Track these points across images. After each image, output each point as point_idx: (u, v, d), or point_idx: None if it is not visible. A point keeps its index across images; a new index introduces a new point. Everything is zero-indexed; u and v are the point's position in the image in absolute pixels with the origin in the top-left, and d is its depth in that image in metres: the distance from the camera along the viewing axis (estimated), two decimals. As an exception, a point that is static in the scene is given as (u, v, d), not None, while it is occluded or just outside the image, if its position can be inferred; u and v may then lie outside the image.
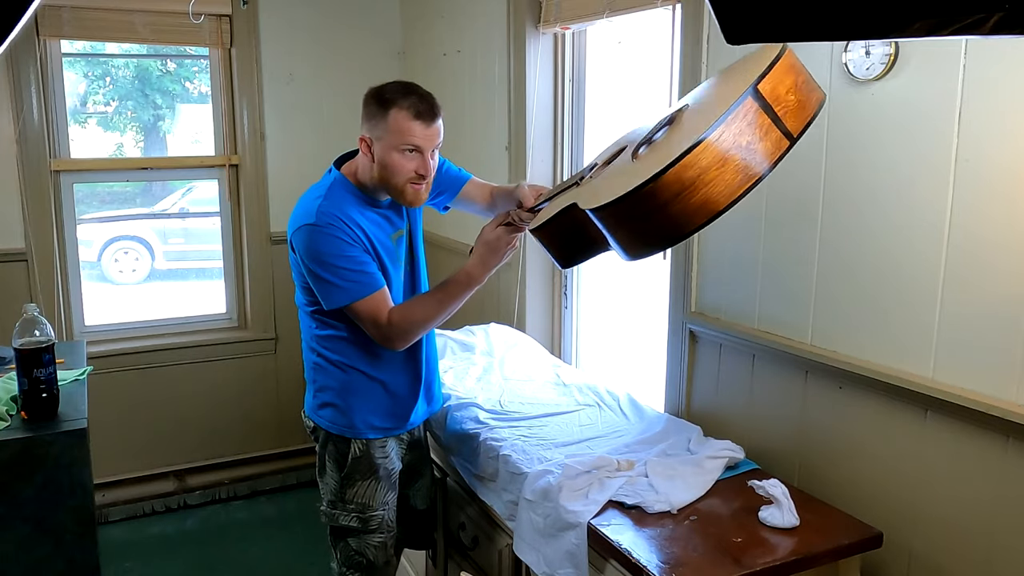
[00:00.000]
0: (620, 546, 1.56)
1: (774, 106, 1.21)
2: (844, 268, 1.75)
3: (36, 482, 1.86)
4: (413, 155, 1.81)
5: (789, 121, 1.22)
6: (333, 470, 2.02)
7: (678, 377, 2.24)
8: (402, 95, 1.79)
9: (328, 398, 1.99)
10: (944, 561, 1.61)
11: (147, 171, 3.69)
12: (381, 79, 3.78)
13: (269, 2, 3.55)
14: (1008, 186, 1.43)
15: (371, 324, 1.84)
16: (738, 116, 1.19)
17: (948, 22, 0.77)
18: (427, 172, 1.83)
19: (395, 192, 1.86)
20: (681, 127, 1.31)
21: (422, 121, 1.79)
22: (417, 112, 1.78)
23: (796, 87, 1.24)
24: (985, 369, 1.50)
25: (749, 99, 1.19)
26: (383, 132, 1.80)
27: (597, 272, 2.87)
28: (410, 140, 1.79)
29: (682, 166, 1.16)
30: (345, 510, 2.02)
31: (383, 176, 1.84)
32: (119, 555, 3.21)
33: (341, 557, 2.06)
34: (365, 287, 1.82)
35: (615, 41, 2.65)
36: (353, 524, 2.02)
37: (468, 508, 2.17)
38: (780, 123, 1.22)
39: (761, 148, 1.19)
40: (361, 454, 1.99)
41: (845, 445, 1.79)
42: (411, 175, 1.83)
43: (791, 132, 1.22)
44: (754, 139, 1.19)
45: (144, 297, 5.75)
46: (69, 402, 2.01)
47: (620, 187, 1.25)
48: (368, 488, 2.01)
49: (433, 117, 1.81)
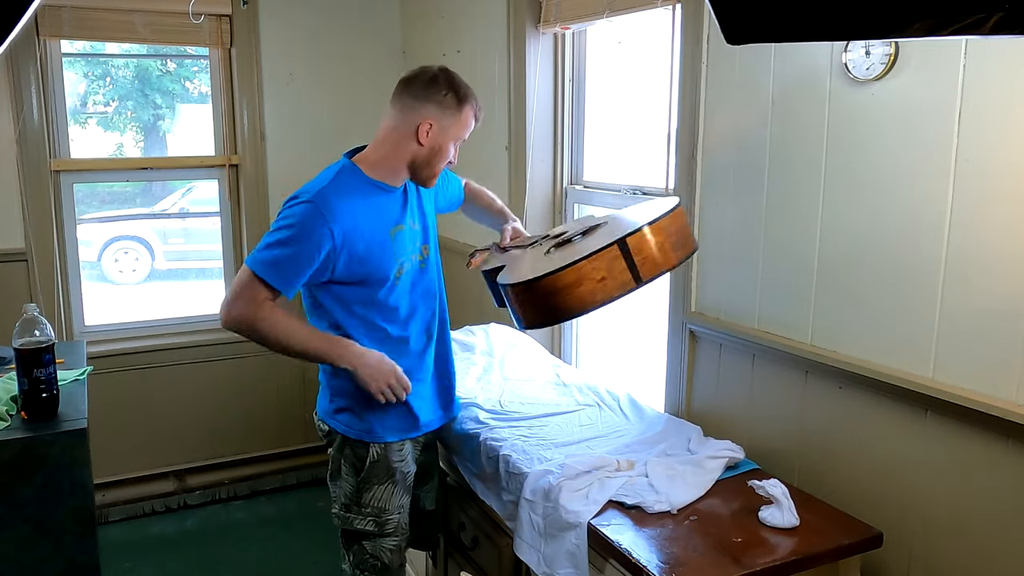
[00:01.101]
0: (620, 546, 1.56)
1: (634, 256, 1.59)
2: (844, 268, 1.75)
3: (36, 482, 1.86)
4: (457, 147, 1.97)
5: (643, 269, 1.60)
6: (349, 474, 2.01)
7: (678, 377, 2.24)
8: (471, 94, 1.94)
9: (344, 403, 1.98)
10: (944, 561, 1.61)
11: (147, 171, 3.69)
12: (381, 79, 3.76)
13: (269, 2, 3.55)
14: (1008, 186, 1.43)
15: (244, 304, 1.83)
16: (602, 256, 1.59)
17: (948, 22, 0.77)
18: (456, 161, 1.99)
19: (428, 172, 1.95)
20: (575, 246, 1.72)
21: (478, 121, 1.98)
22: (478, 112, 1.97)
23: (660, 246, 1.62)
24: (985, 369, 1.50)
25: (615, 247, 1.59)
26: (451, 122, 1.90)
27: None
28: (466, 135, 1.96)
29: (555, 277, 1.60)
30: (361, 514, 2.01)
31: (431, 160, 1.92)
32: (119, 555, 3.21)
33: (354, 560, 2.05)
34: (277, 274, 1.80)
35: (615, 41, 2.65)
36: (369, 528, 2.01)
37: (468, 508, 2.17)
38: (634, 269, 1.60)
39: (611, 284, 1.59)
40: (379, 458, 1.98)
41: (845, 445, 1.79)
42: (449, 161, 1.97)
43: (641, 278, 1.60)
44: (608, 275, 1.59)
45: (144, 297, 5.75)
46: (69, 402, 2.01)
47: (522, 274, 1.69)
48: (385, 492, 2.00)
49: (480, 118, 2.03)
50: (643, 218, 1.66)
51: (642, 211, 1.78)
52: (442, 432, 2.21)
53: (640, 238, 1.61)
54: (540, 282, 1.62)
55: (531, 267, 1.73)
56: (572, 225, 2.02)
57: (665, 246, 1.63)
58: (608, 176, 2.74)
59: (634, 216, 1.75)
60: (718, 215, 2.08)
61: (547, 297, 1.62)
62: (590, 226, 1.81)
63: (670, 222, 1.65)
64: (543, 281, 1.61)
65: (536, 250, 1.90)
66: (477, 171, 3.21)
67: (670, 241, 1.64)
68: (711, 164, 2.08)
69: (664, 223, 1.64)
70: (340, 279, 1.87)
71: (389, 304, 1.94)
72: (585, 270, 1.58)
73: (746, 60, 1.93)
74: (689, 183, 2.14)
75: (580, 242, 1.74)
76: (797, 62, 1.81)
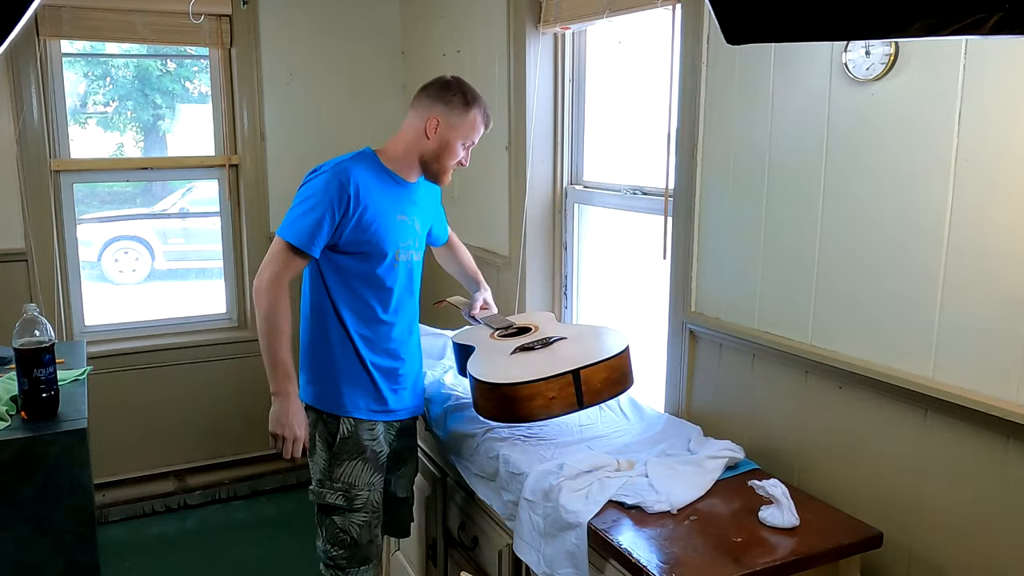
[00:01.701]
0: (620, 546, 1.56)
1: (583, 385, 1.94)
2: (844, 268, 1.75)
3: (36, 482, 1.86)
4: (465, 149, 2.12)
5: (587, 396, 1.96)
6: (323, 449, 2.10)
7: (678, 377, 2.24)
8: (480, 101, 2.11)
9: (318, 376, 2.10)
10: (944, 561, 1.61)
11: (147, 171, 3.69)
12: (381, 79, 3.76)
13: (269, 2, 3.55)
14: (1008, 186, 1.43)
15: (273, 259, 1.98)
16: (558, 380, 1.94)
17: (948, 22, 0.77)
18: (467, 163, 2.16)
19: (439, 169, 2.11)
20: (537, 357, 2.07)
21: (486, 127, 2.15)
22: (487, 119, 2.14)
23: (606, 380, 1.98)
24: (985, 369, 1.50)
25: (569, 375, 1.94)
26: (457, 122, 2.07)
27: (597, 272, 2.87)
28: (474, 137, 2.12)
29: (516, 388, 1.94)
30: (332, 488, 2.10)
31: (439, 155, 2.09)
32: (119, 555, 3.21)
33: (326, 535, 2.14)
34: (303, 237, 1.96)
35: (615, 41, 2.65)
36: (339, 502, 2.10)
37: (468, 508, 2.17)
38: (580, 394, 1.95)
39: (559, 403, 1.94)
40: (349, 434, 2.08)
41: (845, 445, 1.79)
42: (458, 160, 2.12)
43: (584, 402, 1.96)
44: (558, 396, 1.93)
45: (144, 297, 5.75)
46: (69, 402, 2.01)
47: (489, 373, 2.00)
48: (355, 468, 2.09)
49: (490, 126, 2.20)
50: (599, 353, 2.00)
51: (598, 340, 2.09)
52: (441, 432, 2.22)
53: (592, 371, 1.95)
54: (502, 388, 1.95)
55: (498, 366, 2.04)
56: (537, 318, 2.35)
57: (609, 380, 1.98)
58: (608, 176, 2.74)
59: (590, 343, 2.08)
60: (718, 215, 2.08)
61: (504, 400, 1.95)
62: (553, 338, 2.14)
63: (619, 361, 2.00)
64: (504, 388, 1.95)
65: (502, 343, 2.19)
66: (478, 171, 3.22)
67: (614, 376, 1.99)
68: (711, 164, 2.08)
69: (614, 362, 1.99)
70: (345, 247, 2.01)
71: (385, 284, 2.08)
72: (541, 387, 1.92)
73: (746, 60, 1.93)
74: (689, 183, 2.14)
75: (541, 353, 2.09)
76: (797, 62, 1.80)
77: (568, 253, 2.92)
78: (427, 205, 2.22)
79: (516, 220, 2.95)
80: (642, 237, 2.52)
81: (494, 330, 2.30)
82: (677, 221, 2.21)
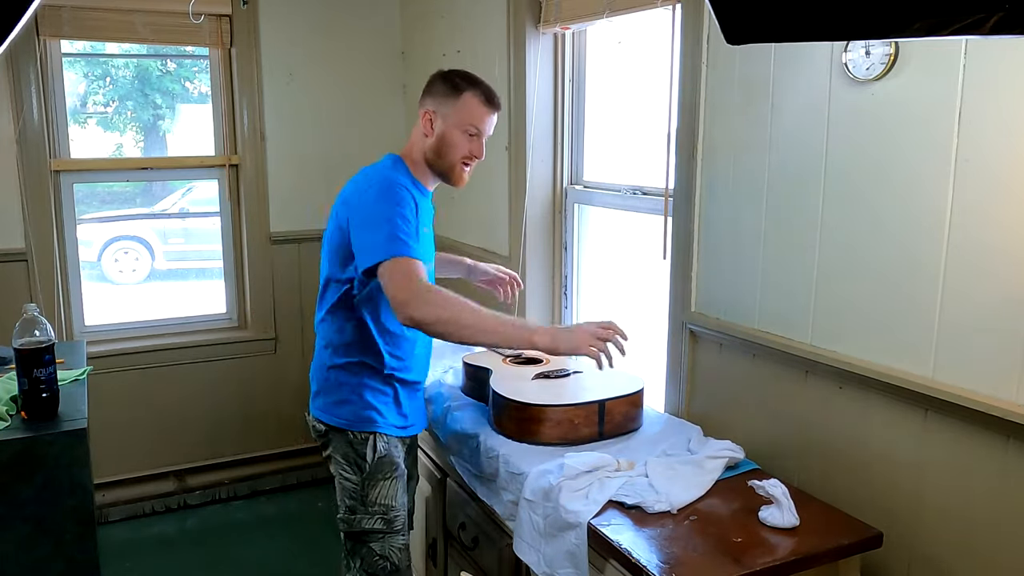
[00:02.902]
0: (620, 546, 1.56)
1: (606, 416, 2.00)
2: (844, 268, 1.75)
3: (36, 482, 1.86)
4: (472, 138, 1.94)
5: (607, 428, 2.01)
6: (352, 472, 1.97)
7: (678, 377, 2.24)
8: (474, 82, 1.94)
9: (344, 395, 1.98)
10: (944, 561, 1.61)
11: (147, 171, 3.69)
12: (381, 79, 3.76)
13: (269, 2, 3.55)
14: (1009, 186, 1.43)
15: (403, 279, 1.72)
16: (583, 408, 1.98)
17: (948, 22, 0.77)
18: (479, 155, 1.96)
19: (446, 168, 1.96)
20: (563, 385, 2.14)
21: (489, 107, 1.95)
22: (487, 98, 1.94)
23: (625, 415, 2.04)
24: (985, 369, 1.50)
25: (595, 404, 1.99)
26: (451, 110, 1.92)
27: (597, 272, 2.87)
28: (475, 122, 1.93)
29: (546, 409, 1.98)
30: (368, 512, 1.97)
31: (439, 150, 1.94)
32: (119, 555, 3.21)
33: (363, 565, 2.00)
34: (410, 249, 1.77)
35: (615, 41, 2.65)
36: (377, 527, 1.97)
37: (468, 508, 2.17)
38: (602, 425, 2.00)
39: (582, 430, 1.98)
40: (385, 452, 1.97)
41: (845, 445, 1.79)
42: (465, 154, 1.95)
43: (604, 434, 2.00)
44: (582, 423, 1.98)
45: (144, 297, 5.75)
46: (69, 402, 2.01)
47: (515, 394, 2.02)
48: (391, 488, 1.98)
49: (498, 106, 1.98)
50: (620, 388, 2.05)
51: (613, 376, 2.12)
52: (441, 432, 2.22)
53: (615, 404, 2.01)
54: (531, 409, 1.98)
55: (524, 389, 2.05)
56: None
57: (628, 416, 2.04)
58: (608, 176, 2.74)
59: (608, 379, 2.11)
60: (718, 215, 2.08)
61: (531, 420, 1.98)
62: (570, 370, 2.21)
63: (638, 398, 2.07)
64: (533, 409, 1.98)
65: (518, 369, 2.23)
66: (478, 171, 3.20)
67: (632, 413, 2.06)
68: (711, 164, 2.08)
69: (635, 398, 2.06)
70: None
71: None
72: (569, 413, 1.97)
73: (746, 60, 1.93)
74: (689, 183, 2.14)
75: (562, 382, 2.15)
76: (797, 62, 1.80)
77: (568, 253, 2.92)
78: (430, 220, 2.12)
79: (516, 220, 2.95)
80: (642, 237, 2.52)
81: (505, 356, 2.33)
82: (677, 221, 2.21)
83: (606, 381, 2.11)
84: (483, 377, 2.21)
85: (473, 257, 2.57)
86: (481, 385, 2.22)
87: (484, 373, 2.21)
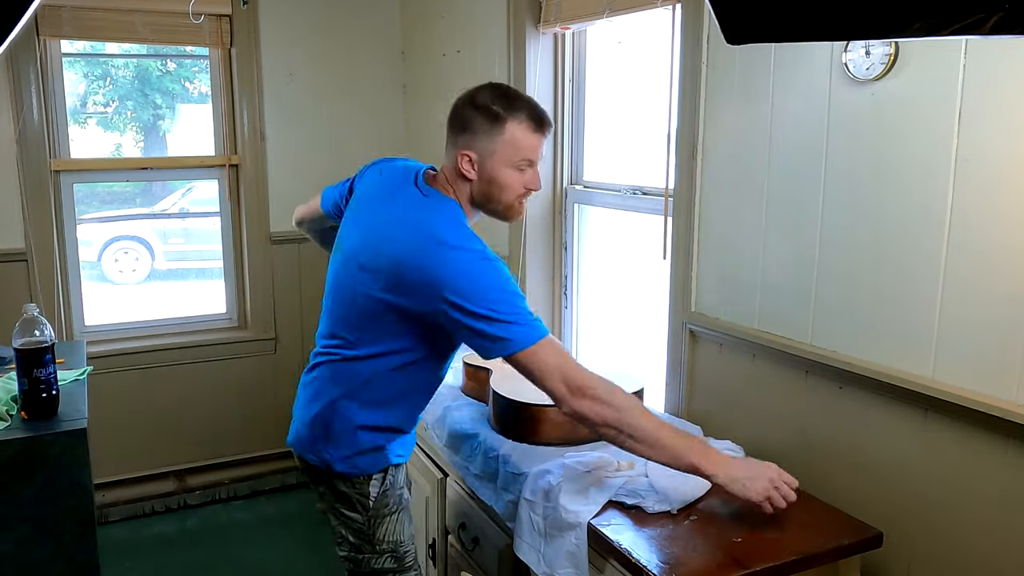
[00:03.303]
0: (620, 546, 1.56)
1: None
2: (844, 268, 1.75)
3: (36, 482, 1.86)
4: (526, 170, 1.69)
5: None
6: (354, 511, 1.80)
7: (678, 377, 2.24)
8: (515, 106, 1.66)
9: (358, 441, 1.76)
10: (945, 561, 1.61)
11: (147, 171, 3.69)
12: (382, 79, 3.75)
13: (269, 2, 3.54)
14: (1008, 186, 1.43)
15: (558, 373, 1.54)
16: None
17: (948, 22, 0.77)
18: (536, 187, 1.71)
19: (502, 209, 1.72)
20: None
21: (541, 133, 1.68)
22: (537, 123, 1.66)
23: None
24: (985, 369, 1.50)
25: None
26: (497, 146, 1.64)
27: (597, 272, 2.87)
28: (528, 154, 1.67)
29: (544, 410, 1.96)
30: (377, 552, 1.81)
31: (490, 194, 1.69)
32: (119, 555, 3.21)
33: None
34: (541, 328, 1.56)
35: (615, 41, 2.65)
36: (388, 566, 1.82)
37: (468, 508, 2.17)
38: None
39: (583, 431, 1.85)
40: (390, 485, 1.80)
41: (845, 445, 1.79)
42: (521, 191, 1.70)
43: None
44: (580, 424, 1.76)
45: (144, 297, 5.75)
46: (69, 402, 2.01)
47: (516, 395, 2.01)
48: (399, 522, 1.83)
49: (549, 126, 1.70)
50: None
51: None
52: (441, 432, 2.21)
53: None
54: (532, 409, 1.98)
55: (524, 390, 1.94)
56: None
57: None
58: (608, 176, 2.74)
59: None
60: (718, 215, 2.08)
61: (532, 421, 1.98)
62: None
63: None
64: (534, 410, 1.98)
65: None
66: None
67: None
68: (711, 164, 2.08)
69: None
70: None
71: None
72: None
73: (746, 60, 1.93)
74: (689, 183, 2.14)
75: None
76: (797, 62, 1.81)
77: (568, 253, 2.92)
78: None
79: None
80: (642, 237, 2.52)
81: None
82: (677, 221, 2.21)
83: None
84: (483, 377, 2.21)
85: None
86: (481, 385, 2.22)
87: (484, 373, 2.21)
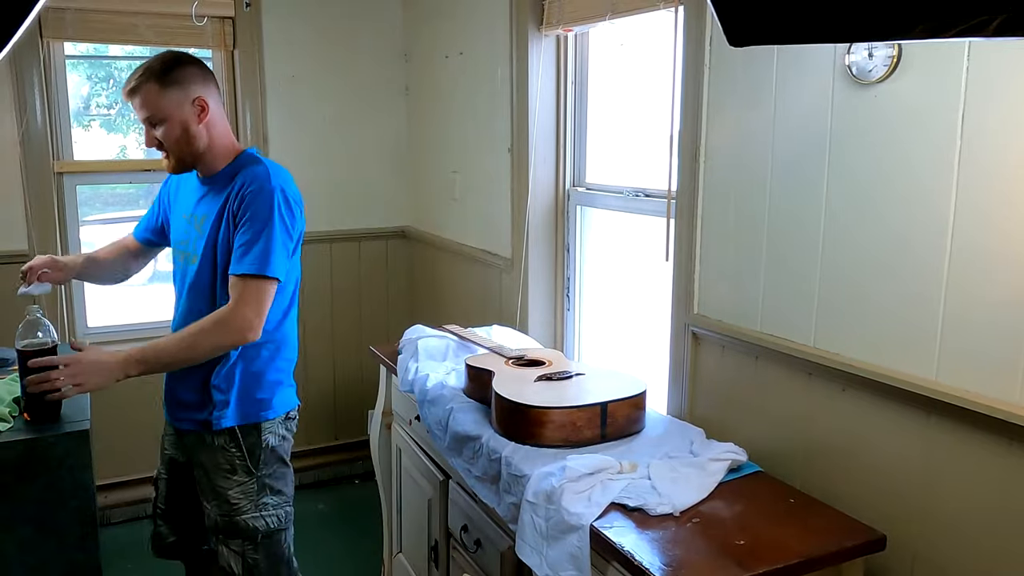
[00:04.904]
0: (623, 548, 1.56)
1: (608, 418, 1.98)
2: (847, 270, 1.74)
3: (38, 484, 1.86)
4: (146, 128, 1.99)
5: (610, 430, 1.99)
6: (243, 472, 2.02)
7: (680, 379, 2.24)
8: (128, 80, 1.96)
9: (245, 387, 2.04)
10: (948, 564, 1.60)
11: (150, 173, 3.70)
12: (384, 81, 3.75)
13: (272, 4, 3.55)
14: (1012, 188, 1.43)
15: (255, 306, 1.89)
16: (586, 410, 1.96)
17: (951, 24, 0.77)
18: (148, 144, 2.01)
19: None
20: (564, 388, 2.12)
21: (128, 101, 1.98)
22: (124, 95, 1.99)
23: (627, 417, 2.01)
24: (989, 371, 1.49)
25: (598, 406, 1.97)
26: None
27: (599, 274, 2.87)
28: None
29: (545, 412, 1.97)
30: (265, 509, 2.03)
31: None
32: (121, 557, 3.21)
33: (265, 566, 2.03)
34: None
35: (618, 43, 2.65)
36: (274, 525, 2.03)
37: (470, 510, 2.16)
38: (604, 426, 1.98)
39: (585, 432, 1.96)
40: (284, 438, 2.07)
41: (848, 447, 1.79)
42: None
43: (607, 436, 1.98)
44: (585, 426, 1.97)
45: (147, 299, 5.74)
46: (72, 404, 2.01)
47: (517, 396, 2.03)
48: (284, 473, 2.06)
49: (126, 93, 1.96)
50: (622, 391, 2.03)
51: (616, 379, 2.14)
52: (443, 434, 2.21)
53: (617, 406, 1.99)
54: (533, 411, 1.97)
55: (526, 391, 2.05)
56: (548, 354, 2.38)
57: (631, 418, 2.02)
58: (610, 178, 2.74)
59: (610, 381, 2.13)
60: (720, 217, 2.08)
61: (534, 423, 1.96)
62: (572, 372, 2.19)
63: (641, 400, 2.05)
64: (535, 411, 1.97)
65: (520, 371, 2.22)
66: (480, 174, 3.22)
67: (634, 415, 2.03)
68: (713, 166, 2.08)
69: (637, 400, 2.03)
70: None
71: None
72: (572, 415, 1.96)
73: (749, 62, 1.93)
74: (691, 185, 2.14)
75: (564, 384, 2.12)
76: (800, 64, 1.80)
77: (570, 255, 2.92)
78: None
79: (518, 222, 2.95)
80: (644, 239, 2.52)
81: (508, 359, 2.33)
82: (679, 223, 2.21)
83: (608, 383, 2.11)
84: (485, 379, 2.21)
85: (475, 258, 2.57)
86: (483, 387, 2.22)
87: (486, 375, 2.21)
